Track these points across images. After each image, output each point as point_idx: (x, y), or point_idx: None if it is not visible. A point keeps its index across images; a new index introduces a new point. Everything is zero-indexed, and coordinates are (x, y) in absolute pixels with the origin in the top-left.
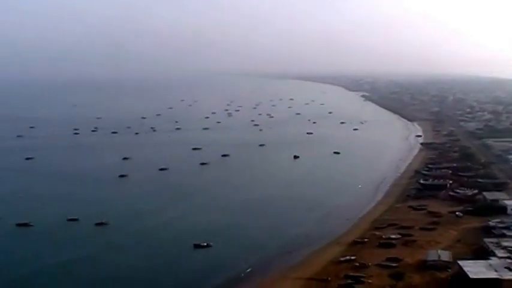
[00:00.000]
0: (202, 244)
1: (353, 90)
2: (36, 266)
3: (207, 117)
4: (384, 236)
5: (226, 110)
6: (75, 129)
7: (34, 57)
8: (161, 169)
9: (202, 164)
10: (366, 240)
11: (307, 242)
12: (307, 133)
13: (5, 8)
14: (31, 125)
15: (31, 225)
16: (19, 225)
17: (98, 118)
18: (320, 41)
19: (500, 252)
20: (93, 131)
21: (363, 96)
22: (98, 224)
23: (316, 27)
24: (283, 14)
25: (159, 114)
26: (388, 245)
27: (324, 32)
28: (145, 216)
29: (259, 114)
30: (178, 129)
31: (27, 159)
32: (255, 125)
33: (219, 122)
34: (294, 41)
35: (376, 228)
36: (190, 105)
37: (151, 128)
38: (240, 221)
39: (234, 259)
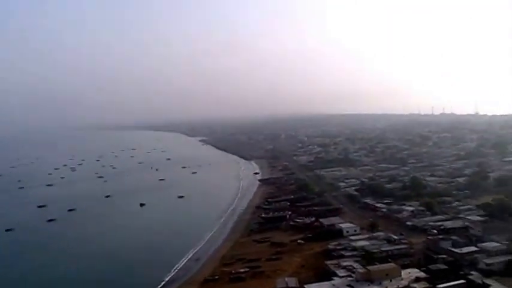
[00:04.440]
0: None
1: (192, 136)
2: None
3: (50, 174)
4: (233, 271)
5: (69, 164)
6: None
7: None
8: (7, 230)
9: (50, 220)
10: (216, 277)
11: (158, 285)
12: (160, 179)
13: None
14: None
15: None
16: None
17: None
18: (153, 90)
19: (341, 272)
20: None
21: (201, 140)
22: None
23: (148, 76)
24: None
25: (0, 175)
26: (238, 279)
27: (157, 81)
28: None
29: (103, 166)
30: (21, 188)
31: None
32: (99, 177)
33: (62, 177)
34: (124, 92)
35: (225, 264)
36: (32, 163)
37: None
38: (84, 274)
39: None
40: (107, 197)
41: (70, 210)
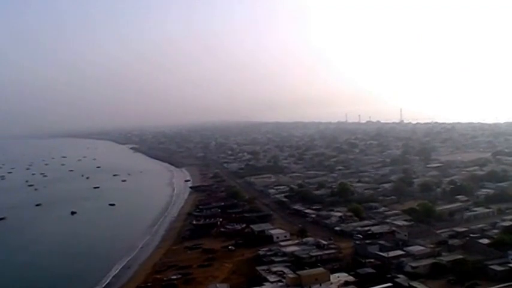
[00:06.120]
0: None
1: (123, 144)
2: None
3: None
4: (165, 279)
5: None
6: None
7: None
8: None
9: None
10: (149, 284)
11: None
12: (94, 187)
13: None
14: None
15: None
16: None
17: None
18: (80, 97)
19: (271, 278)
20: None
21: (132, 148)
22: None
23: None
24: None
25: None
26: (170, 286)
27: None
28: None
29: (33, 174)
30: None
31: None
32: (30, 185)
33: None
34: (51, 100)
35: (158, 272)
36: None
37: None
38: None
39: None
40: (38, 205)
41: (0, 219)
